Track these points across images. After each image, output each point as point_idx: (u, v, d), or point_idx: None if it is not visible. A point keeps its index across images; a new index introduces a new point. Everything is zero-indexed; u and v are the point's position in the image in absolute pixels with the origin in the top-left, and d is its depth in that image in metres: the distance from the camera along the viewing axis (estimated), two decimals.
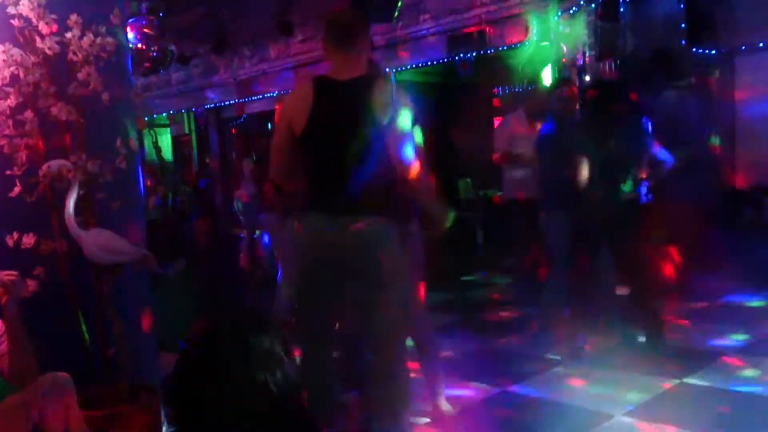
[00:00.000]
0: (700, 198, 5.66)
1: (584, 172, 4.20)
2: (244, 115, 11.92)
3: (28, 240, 2.78)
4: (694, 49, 7.08)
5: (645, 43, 6.76)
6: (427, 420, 3.53)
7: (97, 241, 2.81)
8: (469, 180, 9.21)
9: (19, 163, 2.79)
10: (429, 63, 8.93)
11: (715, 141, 5.71)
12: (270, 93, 10.82)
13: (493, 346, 4.83)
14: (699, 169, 5.55)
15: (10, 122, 2.77)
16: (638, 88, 6.16)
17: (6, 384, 2.54)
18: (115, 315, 2.95)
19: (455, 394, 3.89)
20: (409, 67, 9.17)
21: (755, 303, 5.34)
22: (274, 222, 5.43)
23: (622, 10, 6.73)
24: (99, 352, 2.98)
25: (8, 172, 2.78)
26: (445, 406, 3.61)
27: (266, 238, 7.16)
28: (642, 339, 4.40)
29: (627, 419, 3.41)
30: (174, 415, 1.41)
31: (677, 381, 3.84)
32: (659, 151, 4.46)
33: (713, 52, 7.31)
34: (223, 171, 12.60)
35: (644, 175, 4.33)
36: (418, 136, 3.06)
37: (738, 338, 4.57)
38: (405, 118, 2.80)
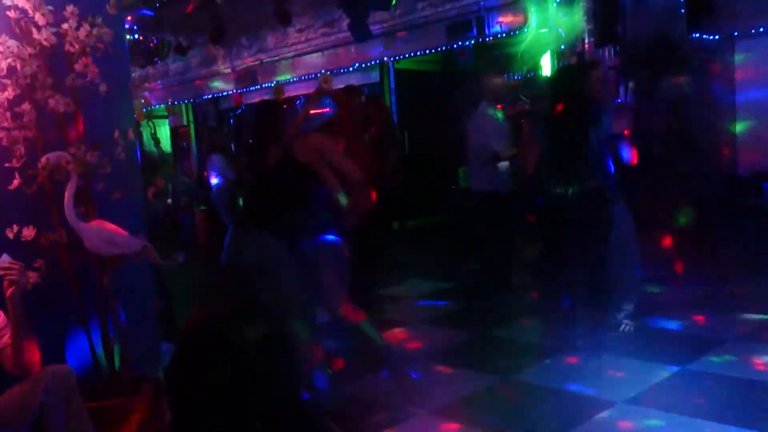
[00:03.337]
0: (699, 184, 5.66)
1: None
2: (243, 106, 11.88)
3: (28, 232, 2.78)
4: (694, 35, 7.05)
5: (645, 28, 6.72)
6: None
7: (97, 233, 2.81)
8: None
9: (18, 156, 2.78)
10: (428, 51, 8.89)
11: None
12: (268, 83, 10.79)
13: (494, 334, 4.84)
14: (698, 156, 5.54)
15: (8, 114, 2.76)
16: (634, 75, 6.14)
17: (9, 376, 2.54)
18: (116, 306, 2.96)
19: (457, 383, 3.90)
20: (407, 55, 9.14)
21: (757, 289, 5.34)
22: None
23: None
24: (100, 343, 2.99)
25: (7, 165, 2.77)
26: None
27: None
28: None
29: (628, 406, 3.42)
30: (174, 405, 1.41)
31: (679, 368, 3.85)
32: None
33: (714, 37, 7.27)
34: None
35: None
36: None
37: (740, 325, 4.58)
38: None
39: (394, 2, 7.63)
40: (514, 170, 5.34)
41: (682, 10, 6.88)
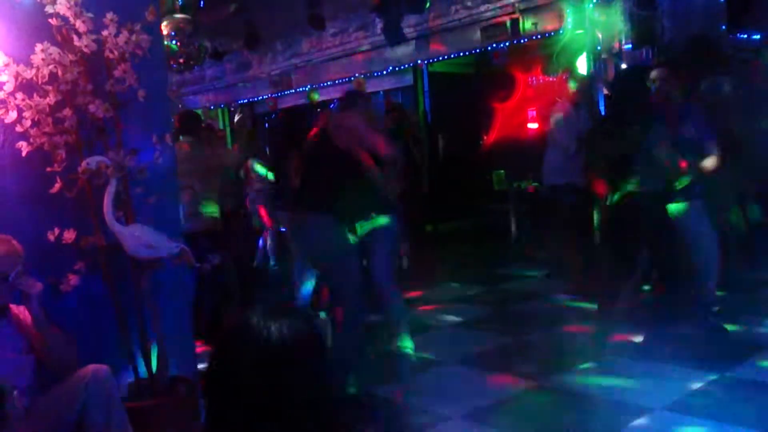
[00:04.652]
0: (741, 185, 5.52)
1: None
2: (278, 110, 12.00)
3: (69, 235, 2.84)
4: (734, 34, 6.89)
5: (683, 29, 6.59)
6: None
7: (135, 236, 2.86)
8: (503, 171, 9.14)
9: (59, 160, 2.84)
10: (462, 54, 8.86)
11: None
12: (303, 87, 10.87)
13: (529, 339, 4.79)
14: (739, 156, 5.41)
15: (50, 120, 2.82)
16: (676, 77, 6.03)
17: (51, 376, 2.61)
18: (154, 308, 3.00)
19: (491, 387, 3.87)
20: (441, 58, 9.11)
21: None
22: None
23: None
24: (138, 344, 3.04)
25: (48, 169, 2.84)
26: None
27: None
28: None
29: (666, 413, 3.35)
30: (211, 407, 1.43)
31: (718, 375, 3.76)
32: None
33: (755, 36, 7.10)
34: None
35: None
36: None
37: None
38: None
39: (427, 5, 7.61)
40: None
41: (722, 10, 6.74)
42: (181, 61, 7.58)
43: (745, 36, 7.11)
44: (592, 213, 5.80)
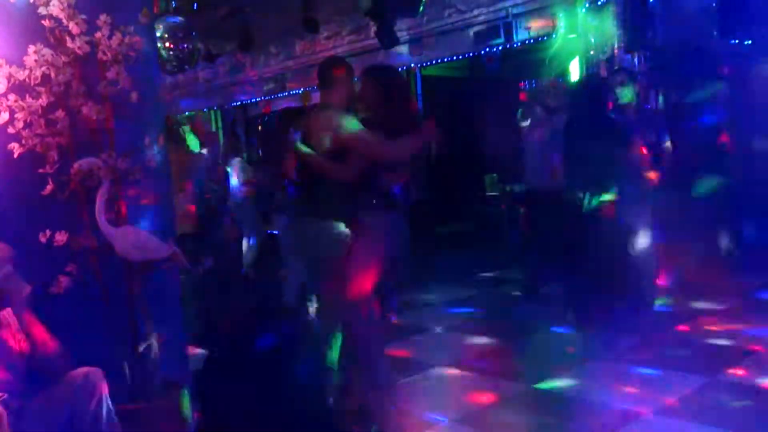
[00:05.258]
0: (732, 192, 5.56)
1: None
2: (271, 112, 11.98)
3: (61, 237, 2.83)
4: (727, 40, 6.93)
5: (676, 34, 6.63)
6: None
7: (127, 238, 2.85)
8: (495, 175, 9.17)
9: (51, 162, 2.83)
10: (455, 57, 8.87)
11: None
12: (296, 90, 10.86)
13: (519, 343, 4.80)
14: (731, 163, 5.45)
15: (42, 122, 2.82)
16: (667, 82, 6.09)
17: (42, 379, 2.60)
18: (146, 311, 2.99)
19: (480, 391, 3.88)
20: (434, 62, 9.13)
21: None
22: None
23: (652, 0, 6.61)
24: (130, 348, 3.03)
25: (41, 171, 2.82)
26: None
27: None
28: None
29: (657, 418, 3.36)
30: (203, 410, 1.43)
31: (709, 378, 3.78)
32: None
33: (748, 42, 7.14)
34: None
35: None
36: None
37: None
38: None
39: (421, 9, 7.63)
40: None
41: (714, 15, 6.77)
42: (174, 63, 7.56)
43: (737, 41, 7.14)
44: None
